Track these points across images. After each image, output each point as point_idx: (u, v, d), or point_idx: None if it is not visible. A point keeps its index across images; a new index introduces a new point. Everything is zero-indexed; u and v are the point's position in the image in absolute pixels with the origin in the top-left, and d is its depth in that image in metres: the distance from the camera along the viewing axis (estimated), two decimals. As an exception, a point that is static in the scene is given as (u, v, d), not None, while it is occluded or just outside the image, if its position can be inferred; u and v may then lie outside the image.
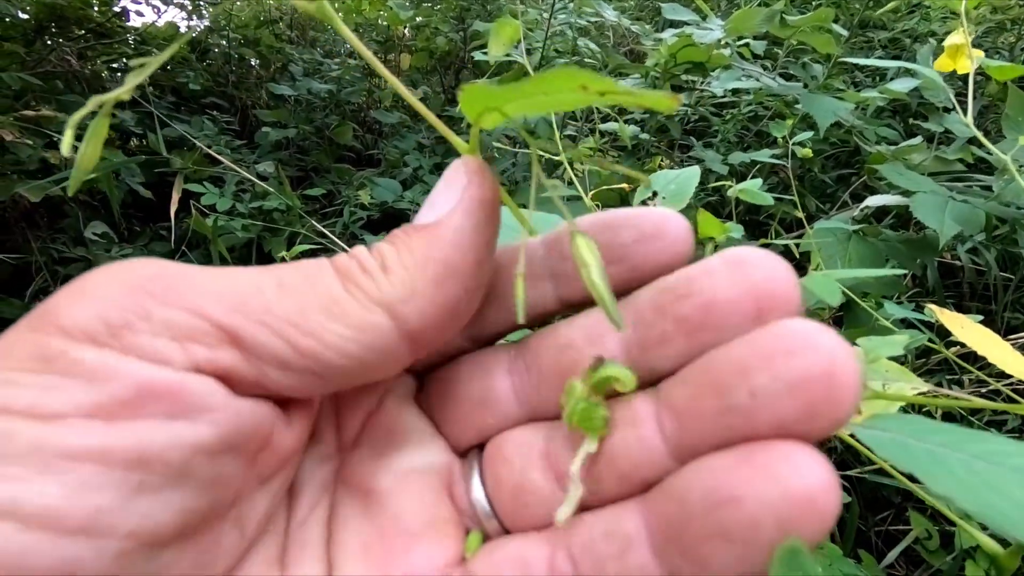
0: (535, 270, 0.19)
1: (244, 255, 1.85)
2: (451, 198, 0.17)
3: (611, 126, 0.84)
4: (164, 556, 0.15)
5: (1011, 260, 1.14)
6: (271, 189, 1.62)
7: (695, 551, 0.13)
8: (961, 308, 1.22)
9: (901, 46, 1.36)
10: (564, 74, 0.14)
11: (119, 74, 2.34)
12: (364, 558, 0.18)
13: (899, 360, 0.51)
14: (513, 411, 0.19)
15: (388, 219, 1.65)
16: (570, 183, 0.65)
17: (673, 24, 0.89)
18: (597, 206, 0.48)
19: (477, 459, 0.20)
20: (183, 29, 2.41)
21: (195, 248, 1.96)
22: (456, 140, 0.19)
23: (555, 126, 0.52)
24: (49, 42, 2.11)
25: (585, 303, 0.18)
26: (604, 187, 0.53)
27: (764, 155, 0.93)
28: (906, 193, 0.66)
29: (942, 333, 0.53)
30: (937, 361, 0.96)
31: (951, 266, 1.36)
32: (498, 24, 0.54)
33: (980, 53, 0.42)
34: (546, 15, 1.05)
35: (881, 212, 1.22)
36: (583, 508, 0.16)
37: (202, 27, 2.48)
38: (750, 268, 0.15)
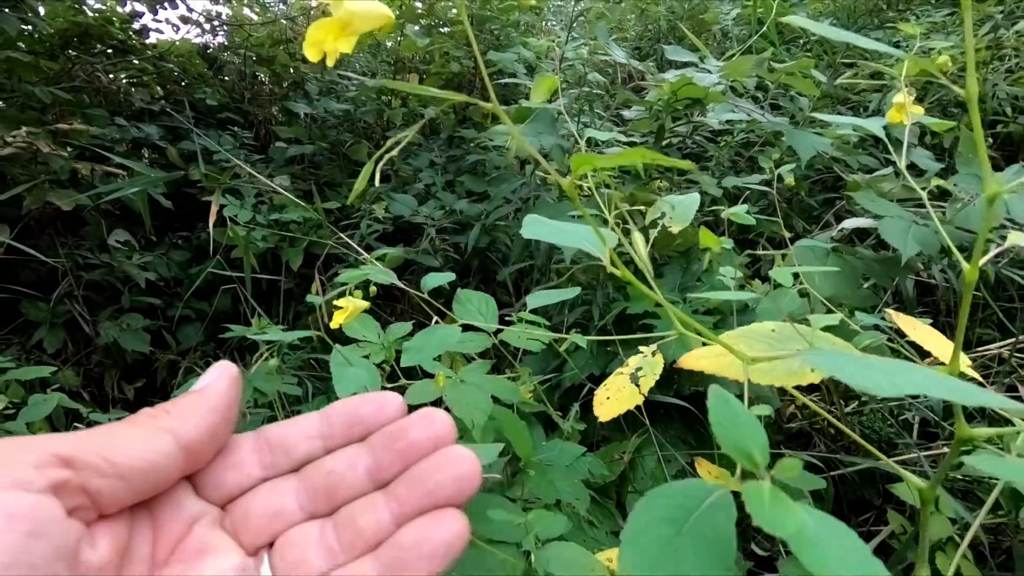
0: (312, 433, 0.30)
1: (261, 264, 1.93)
2: (211, 377, 0.30)
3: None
4: None
5: (984, 280, 1.25)
6: (294, 199, 1.70)
7: (410, 568, 0.26)
8: (937, 323, 1.32)
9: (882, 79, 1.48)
10: (637, 152, 0.24)
11: (137, 88, 2.42)
12: None
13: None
14: (298, 516, 0.29)
15: (401, 232, 1.74)
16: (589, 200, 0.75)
17: (673, 64, 1.00)
18: (617, 224, 0.57)
19: (267, 552, 0.29)
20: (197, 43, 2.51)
21: (210, 257, 2.03)
22: (562, 180, 0.29)
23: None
24: (74, 55, 2.19)
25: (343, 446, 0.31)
26: (626, 206, 0.62)
27: (754, 180, 1.04)
28: (878, 217, 0.76)
29: (902, 335, 0.63)
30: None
31: (929, 284, 1.47)
32: (540, 79, 0.65)
33: (920, 109, 0.53)
34: (557, 49, 1.16)
35: (863, 233, 1.33)
36: (339, 567, 0.28)
37: (216, 44, 2.57)
38: (431, 422, 0.28)
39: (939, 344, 0.57)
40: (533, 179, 1.31)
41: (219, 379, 0.30)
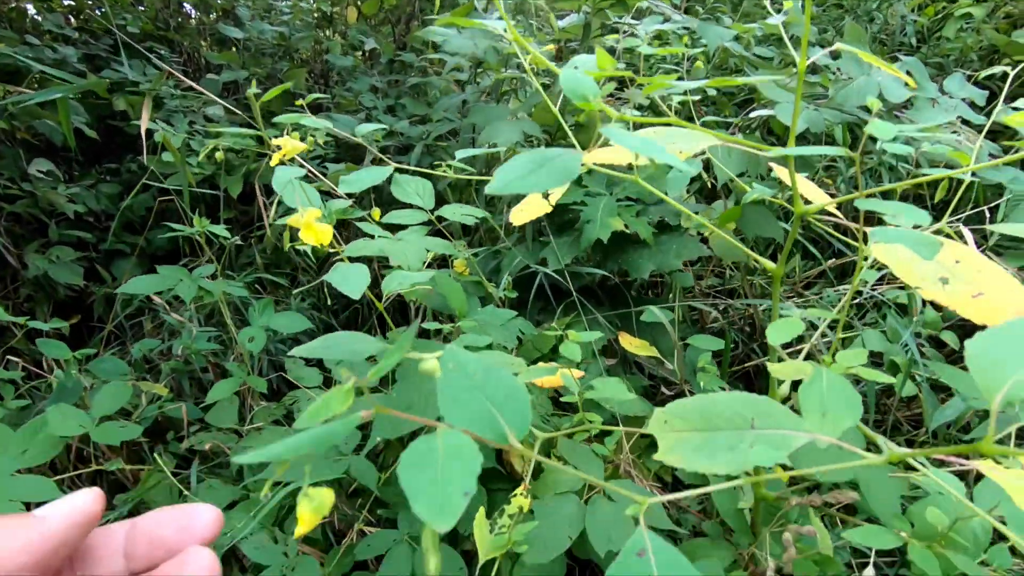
0: (115, 549, 0.28)
1: (197, 199, 1.88)
2: (67, 505, 0.26)
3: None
4: None
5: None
6: (230, 129, 1.66)
7: None
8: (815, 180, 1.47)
9: None
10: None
11: (44, 15, 2.26)
12: None
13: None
14: None
15: (345, 154, 1.74)
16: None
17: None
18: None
19: None
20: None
21: (145, 192, 1.97)
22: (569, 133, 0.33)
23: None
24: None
25: (145, 571, 0.28)
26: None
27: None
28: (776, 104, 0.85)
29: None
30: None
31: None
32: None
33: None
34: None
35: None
36: None
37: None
38: (191, 519, 0.27)
39: (817, 194, 0.67)
40: (475, 88, 1.34)
41: (68, 511, 0.26)
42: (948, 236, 0.59)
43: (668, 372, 1.00)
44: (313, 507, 0.25)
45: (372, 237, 0.69)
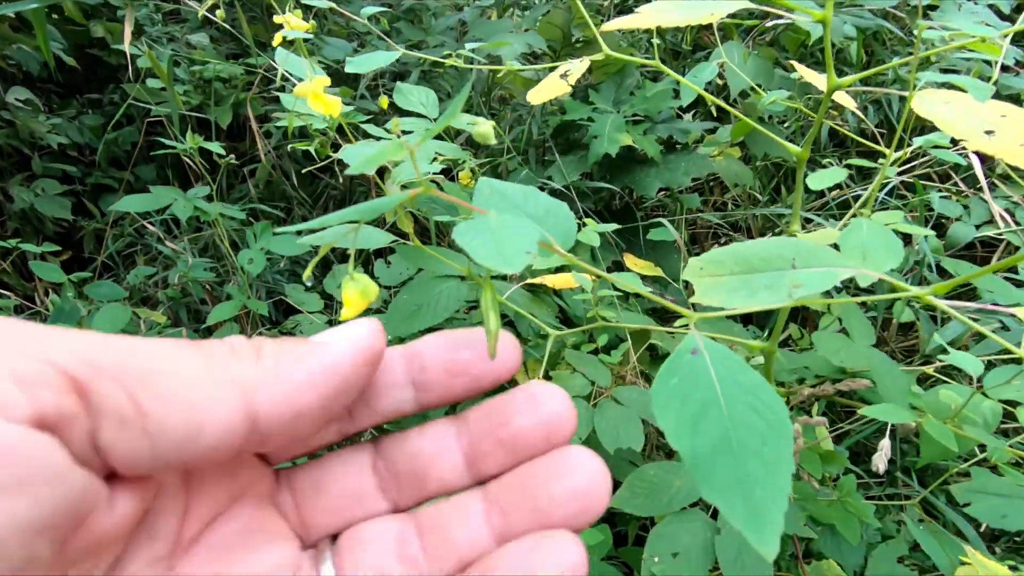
0: (397, 379, 0.22)
1: (184, 132, 1.82)
2: (348, 333, 0.20)
3: None
4: None
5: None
6: (215, 58, 1.59)
7: None
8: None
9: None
10: None
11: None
12: None
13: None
14: (380, 506, 0.22)
15: (337, 84, 1.68)
16: None
17: None
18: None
19: (329, 548, 0.21)
20: None
21: (130, 123, 1.90)
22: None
23: None
24: None
25: (439, 405, 0.22)
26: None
27: None
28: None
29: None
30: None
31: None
32: None
33: None
34: None
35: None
36: None
37: None
38: (539, 405, 0.21)
39: (844, 98, 0.64)
40: (474, 7, 1.28)
41: (351, 340, 0.19)
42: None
43: (673, 293, 1.00)
44: (359, 290, 0.23)
45: (377, 139, 0.66)
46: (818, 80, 0.65)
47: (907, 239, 1.25)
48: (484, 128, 0.55)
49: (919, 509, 0.56)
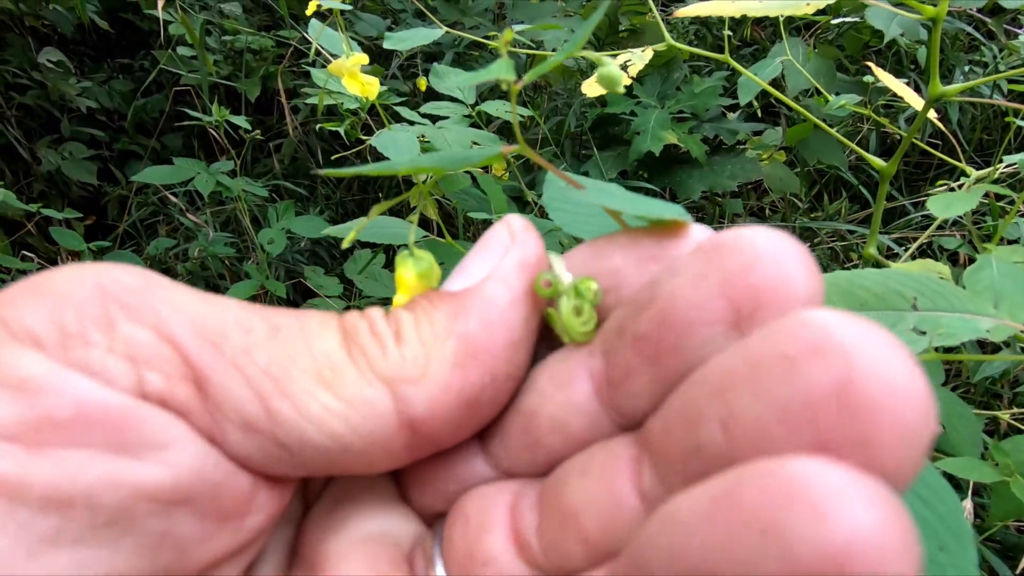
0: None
1: (212, 99, 1.80)
2: (488, 263, 0.14)
3: None
4: None
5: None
6: (247, 28, 1.56)
7: None
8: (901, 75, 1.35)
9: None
10: None
11: None
12: None
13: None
14: (486, 472, 0.16)
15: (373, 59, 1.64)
16: None
17: None
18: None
19: (441, 526, 0.16)
20: None
21: (159, 91, 1.89)
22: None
23: None
24: None
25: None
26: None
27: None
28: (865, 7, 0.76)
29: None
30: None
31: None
32: None
33: None
34: None
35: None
36: None
37: None
38: (724, 256, 0.11)
39: (909, 94, 0.59)
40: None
41: (501, 272, 0.14)
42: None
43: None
44: (420, 271, 0.16)
45: (411, 123, 0.62)
46: (896, 86, 0.59)
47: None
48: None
49: None
